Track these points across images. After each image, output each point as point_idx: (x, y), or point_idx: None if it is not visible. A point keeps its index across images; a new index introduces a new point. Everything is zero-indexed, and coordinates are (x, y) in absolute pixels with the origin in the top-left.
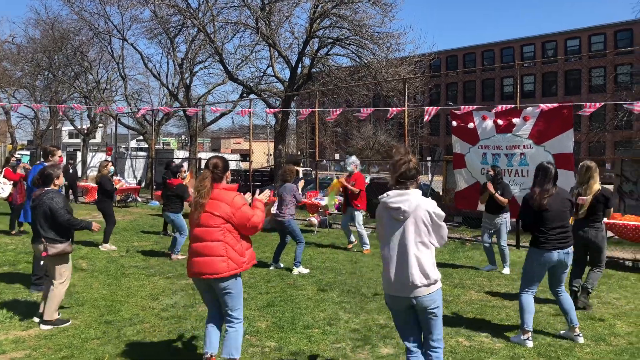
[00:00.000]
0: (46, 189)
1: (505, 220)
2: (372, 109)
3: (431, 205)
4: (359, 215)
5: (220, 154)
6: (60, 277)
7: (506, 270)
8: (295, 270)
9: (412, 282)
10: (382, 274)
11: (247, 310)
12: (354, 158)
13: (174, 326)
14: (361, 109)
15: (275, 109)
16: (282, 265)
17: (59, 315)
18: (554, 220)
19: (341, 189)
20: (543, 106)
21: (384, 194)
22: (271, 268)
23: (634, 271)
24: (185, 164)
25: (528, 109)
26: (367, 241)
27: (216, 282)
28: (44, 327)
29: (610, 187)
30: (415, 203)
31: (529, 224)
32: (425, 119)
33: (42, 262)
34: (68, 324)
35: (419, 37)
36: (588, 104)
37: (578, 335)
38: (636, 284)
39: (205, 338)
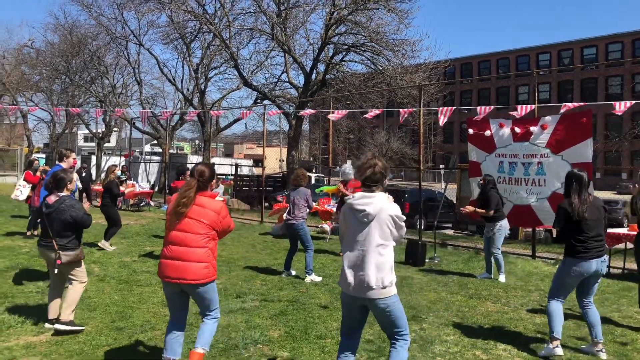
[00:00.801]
0: (61, 195)
1: (498, 228)
2: (381, 109)
3: (394, 209)
4: None
5: (207, 162)
6: (78, 277)
7: (502, 278)
8: (308, 279)
9: (368, 282)
10: (340, 273)
11: (259, 319)
12: (350, 165)
13: (186, 334)
14: (368, 110)
15: (283, 111)
16: (293, 272)
17: (73, 317)
18: (592, 229)
19: (339, 195)
20: (569, 105)
21: (351, 196)
22: (283, 276)
23: None
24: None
25: (547, 117)
26: None
27: (193, 288)
28: (58, 326)
29: (628, 198)
30: (379, 206)
31: (565, 233)
32: (440, 122)
33: (56, 270)
34: (82, 329)
35: (435, 44)
36: (618, 103)
37: (601, 350)
38: None
39: (165, 344)
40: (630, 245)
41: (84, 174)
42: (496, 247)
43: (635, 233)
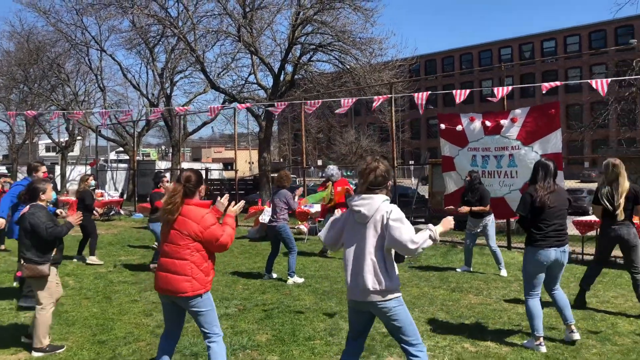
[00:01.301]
0: (34, 204)
1: (490, 222)
2: (355, 98)
3: (390, 210)
4: None
5: (194, 167)
6: (42, 302)
7: (503, 272)
8: (290, 280)
9: (365, 285)
10: (344, 277)
11: (245, 324)
12: (333, 166)
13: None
14: (341, 101)
15: (253, 103)
16: (275, 275)
17: (49, 340)
18: (553, 218)
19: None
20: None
21: (352, 197)
22: (264, 279)
23: (626, 269)
24: (167, 174)
25: (516, 110)
26: None
27: (180, 300)
28: (35, 354)
29: (592, 186)
30: (375, 207)
31: (527, 220)
32: (420, 109)
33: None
34: (62, 350)
35: (401, 42)
36: (594, 80)
37: (573, 332)
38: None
39: (158, 351)
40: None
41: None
42: (492, 241)
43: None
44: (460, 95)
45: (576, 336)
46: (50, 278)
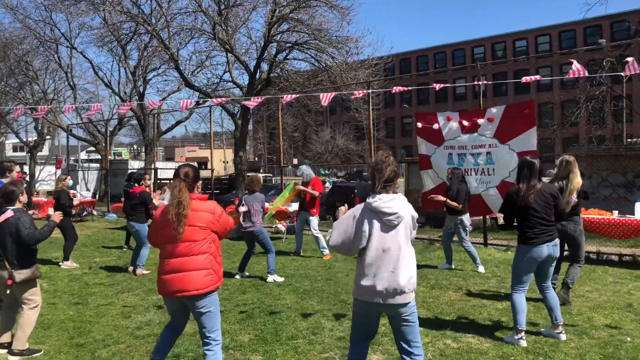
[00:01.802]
0: (11, 208)
1: (461, 221)
2: (334, 92)
3: (413, 210)
4: (315, 220)
5: (189, 163)
6: (30, 302)
7: (481, 269)
8: (270, 278)
9: (399, 287)
10: (358, 281)
11: (227, 324)
12: (306, 167)
13: (152, 345)
14: (321, 95)
15: (231, 98)
16: (247, 274)
17: (28, 345)
18: (539, 215)
19: (300, 194)
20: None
21: (375, 198)
22: (237, 277)
23: (599, 263)
24: (150, 173)
25: (492, 109)
26: (325, 245)
27: (194, 301)
28: (12, 358)
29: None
30: (405, 207)
31: (511, 219)
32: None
33: (8, 291)
34: (39, 353)
35: (377, 41)
36: (576, 69)
37: (561, 332)
38: (604, 276)
39: (158, 339)
40: None
41: (24, 185)
42: (463, 240)
43: None
44: (437, 88)
45: (563, 337)
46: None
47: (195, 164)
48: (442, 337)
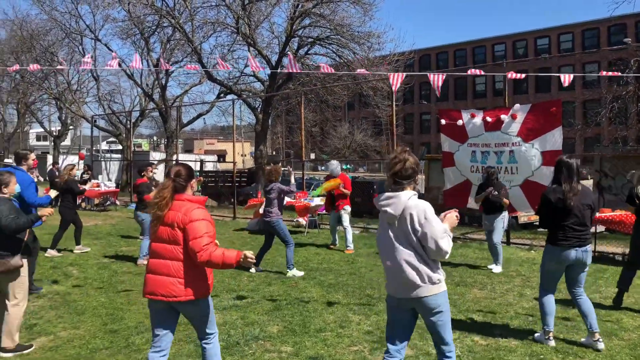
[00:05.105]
0: None
1: (503, 218)
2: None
3: (420, 207)
4: (345, 215)
5: (186, 160)
6: (13, 297)
7: (497, 269)
8: (290, 273)
9: (412, 281)
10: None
11: (255, 315)
12: (337, 163)
13: (183, 333)
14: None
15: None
16: (262, 268)
17: (18, 340)
18: (574, 218)
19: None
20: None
21: (380, 196)
22: (252, 271)
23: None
24: (160, 166)
25: (515, 106)
26: (351, 241)
27: (177, 305)
28: (3, 355)
29: (588, 183)
30: (402, 206)
31: (549, 221)
32: (437, 92)
33: None
34: (31, 349)
35: (399, 36)
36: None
37: (598, 340)
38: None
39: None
40: (600, 229)
41: (57, 174)
42: (496, 237)
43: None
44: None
45: (601, 346)
46: (23, 272)
47: (215, 157)
48: (469, 334)
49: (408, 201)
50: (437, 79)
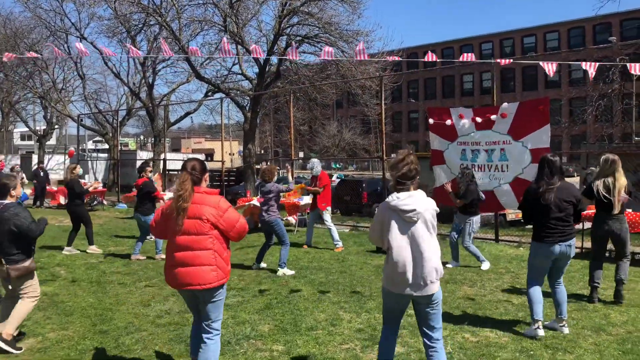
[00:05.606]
0: (4, 202)
1: (470, 221)
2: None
3: (433, 204)
4: (327, 214)
5: (196, 157)
6: (29, 293)
7: (484, 266)
8: (280, 272)
9: (427, 278)
10: (388, 274)
11: (246, 314)
12: (318, 161)
13: (174, 333)
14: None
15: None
16: (264, 265)
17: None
18: (556, 213)
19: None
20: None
21: (393, 197)
22: (253, 268)
23: (612, 261)
24: (151, 163)
25: (504, 105)
26: (338, 239)
27: (203, 293)
28: None
29: (572, 180)
30: (424, 203)
31: (529, 216)
32: (437, 60)
33: (10, 287)
34: (19, 352)
35: (387, 35)
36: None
37: (563, 326)
38: None
39: (191, 346)
40: (587, 225)
41: (42, 174)
42: (465, 240)
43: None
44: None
45: (565, 330)
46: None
47: (204, 156)
48: (460, 331)
49: (425, 198)
50: (432, 56)
